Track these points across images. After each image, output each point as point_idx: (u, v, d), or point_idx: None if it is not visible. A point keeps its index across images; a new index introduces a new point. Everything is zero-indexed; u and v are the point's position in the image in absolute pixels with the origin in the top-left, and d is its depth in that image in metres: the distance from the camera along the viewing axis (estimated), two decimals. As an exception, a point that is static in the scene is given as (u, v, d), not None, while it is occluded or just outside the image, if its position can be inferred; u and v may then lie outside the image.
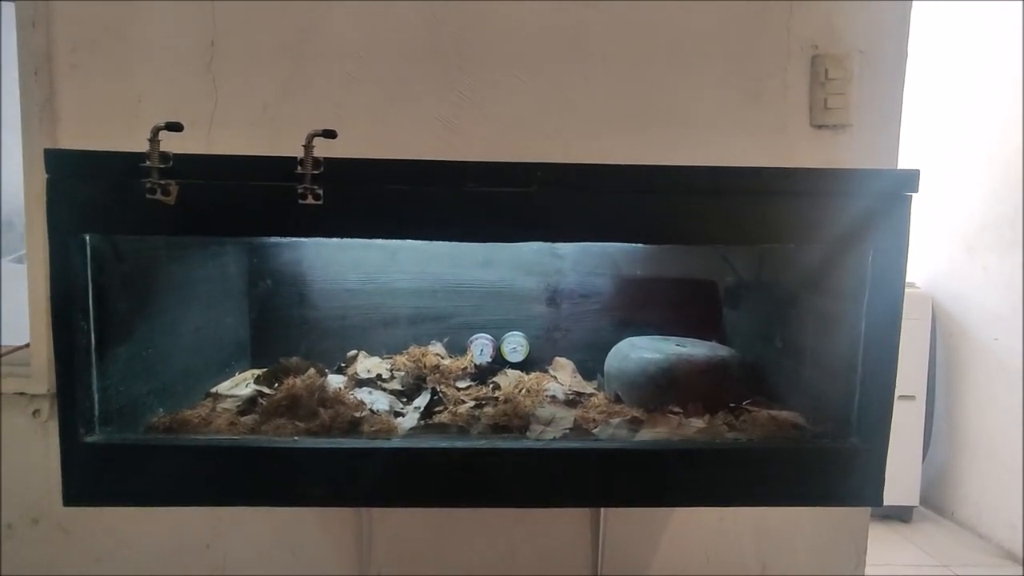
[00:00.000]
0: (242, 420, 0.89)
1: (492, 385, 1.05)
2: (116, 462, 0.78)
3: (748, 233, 0.80)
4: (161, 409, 0.89)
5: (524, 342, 1.15)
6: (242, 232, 0.92)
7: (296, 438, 0.82)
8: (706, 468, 0.81)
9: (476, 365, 1.10)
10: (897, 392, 0.82)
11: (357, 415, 0.89)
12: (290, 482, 0.79)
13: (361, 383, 1.04)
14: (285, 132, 1.14)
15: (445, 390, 1.01)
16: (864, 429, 0.82)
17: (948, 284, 2.15)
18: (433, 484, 0.80)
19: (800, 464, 0.82)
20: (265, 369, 1.06)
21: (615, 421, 0.90)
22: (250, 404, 0.95)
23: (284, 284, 1.14)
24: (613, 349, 1.06)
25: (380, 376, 1.06)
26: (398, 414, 0.95)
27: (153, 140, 0.72)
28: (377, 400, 0.97)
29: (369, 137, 1.15)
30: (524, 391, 1.01)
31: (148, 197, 0.72)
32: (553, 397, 1.01)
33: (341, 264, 1.15)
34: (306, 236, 0.79)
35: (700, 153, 1.18)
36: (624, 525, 1.26)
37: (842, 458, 0.82)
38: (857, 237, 0.80)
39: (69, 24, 1.12)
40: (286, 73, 1.14)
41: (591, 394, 1.05)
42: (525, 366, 1.14)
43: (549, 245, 1.14)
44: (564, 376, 1.12)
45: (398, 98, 1.16)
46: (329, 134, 0.73)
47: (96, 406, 0.78)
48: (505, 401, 0.95)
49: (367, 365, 1.09)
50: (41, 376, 1.16)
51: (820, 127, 1.20)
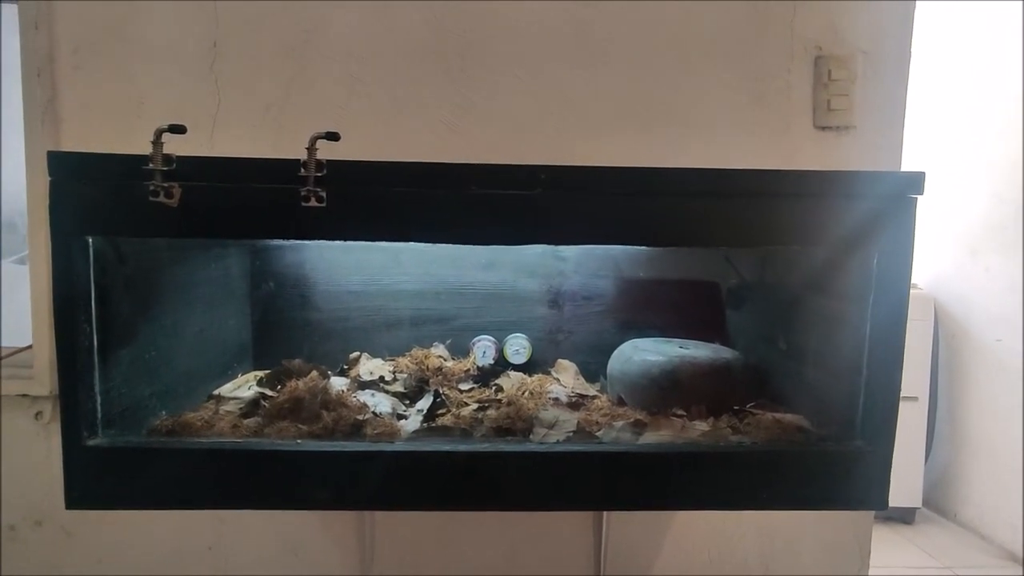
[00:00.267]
0: (245, 423, 0.89)
1: (495, 387, 1.05)
2: (119, 465, 0.78)
3: (752, 235, 0.80)
4: (164, 411, 0.89)
5: (527, 344, 1.15)
6: (245, 235, 0.92)
7: (299, 441, 0.82)
8: (710, 471, 0.81)
9: (479, 367, 1.10)
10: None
11: (360, 418, 0.89)
12: (293, 485, 0.78)
13: (364, 385, 1.04)
14: (288, 133, 1.15)
15: (448, 392, 1.01)
16: (869, 432, 0.82)
17: (951, 285, 2.15)
18: (436, 487, 0.80)
19: (804, 467, 0.82)
20: (267, 371, 1.06)
21: (618, 424, 0.90)
22: (253, 407, 0.94)
23: (286, 286, 1.14)
24: (616, 351, 1.06)
25: (383, 378, 1.06)
26: (401, 416, 0.95)
27: (156, 142, 0.72)
28: (380, 402, 0.97)
29: (371, 139, 1.15)
30: (527, 393, 1.00)
31: (151, 199, 0.72)
32: (556, 399, 1.01)
33: (343, 266, 1.15)
34: (309, 239, 0.79)
35: (703, 154, 1.18)
36: (627, 526, 1.26)
37: (847, 461, 0.81)
38: (862, 239, 0.79)
39: (71, 25, 1.12)
40: (289, 74, 1.14)
41: (594, 396, 1.05)
42: (528, 368, 1.13)
43: (552, 247, 1.13)
44: (567, 378, 1.12)
45: (400, 99, 1.16)
46: (332, 136, 0.73)
47: (99, 409, 0.78)
48: (508, 404, 0.94)
49: (369, 367, 1.09)
50: (43, 378, 1.16)
51: (823, 128, 1.20)
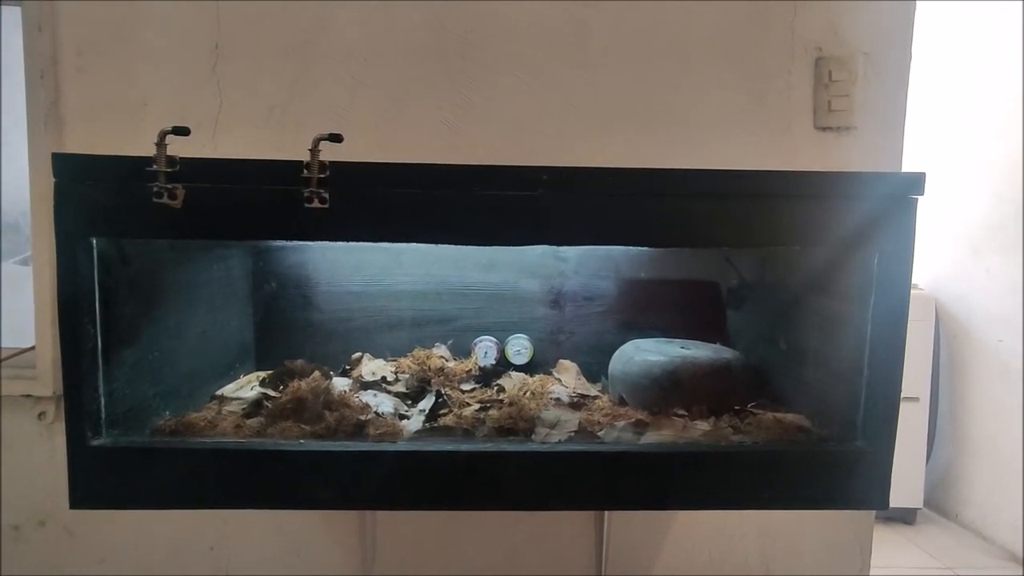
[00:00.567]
0: (248, 423, 0.89)
1: (496, 388, 1.05)
2: (123, 465, 0.78)
3: (754, 236, 0.80)
4: (167, 412, 0.89)
5: (528, 344, 1.15)
6: (248, 236, 0.92)
7: (302, 441, 0.82)
8: (711, 471, 0.81)
9: (480, 368, 1.10)
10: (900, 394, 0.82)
11: (362, 418, 0.89)
12: (296, 485, 0.79)
13: (366, 386, 1.04)
14: (290, 135, 1.15)
15: (449, 393, 1.01)
16: (870, 432, 0.82)
17: (952, 286, 2.15)
18: (439, 487, 0.80)
19: (806, 467, 0.82)
20: (270, 372, 1.06)
21: (620, 424, 0.90)
22: (255, 407, 0.95)
23: (288, 287, 1.14)
24: (617, 351, 1.06)
25: (385, 379, 1.06)
26: (403, 417, 0.95)
27: (160, 144, 0.72)
28: (382, 403, 0.97)
29: (373, 140, 1.15)
30: (528, 394, 1.01)
31: (155, 201, 0.72)
32: (557, 400, 1.01)
33: (345, 266, 1.15)
34: (312, 240, 0.80)
35: (704, 155, 1.19)
36: (628, 526, 1.26)
37: (848, 461, 0.82)
38: (863, 240, 0.80)
39: (75, 28, 1.13)
40: (291, 76, 1.15)
41: (595, 396, 1.05)
42: (529, 368, 1.14)
43: (553, 248, 1.14)
44: (568, 378, 1.12)
45: (402, 100, 1.16)
46: (335, 138, 0.74)
47: (103, 409, 0.78)
48: (510, 404, 0.95)
49: (371, 368, 1.09)
50: (46, 378, 1.17)
51: (824, 129, 1.20)
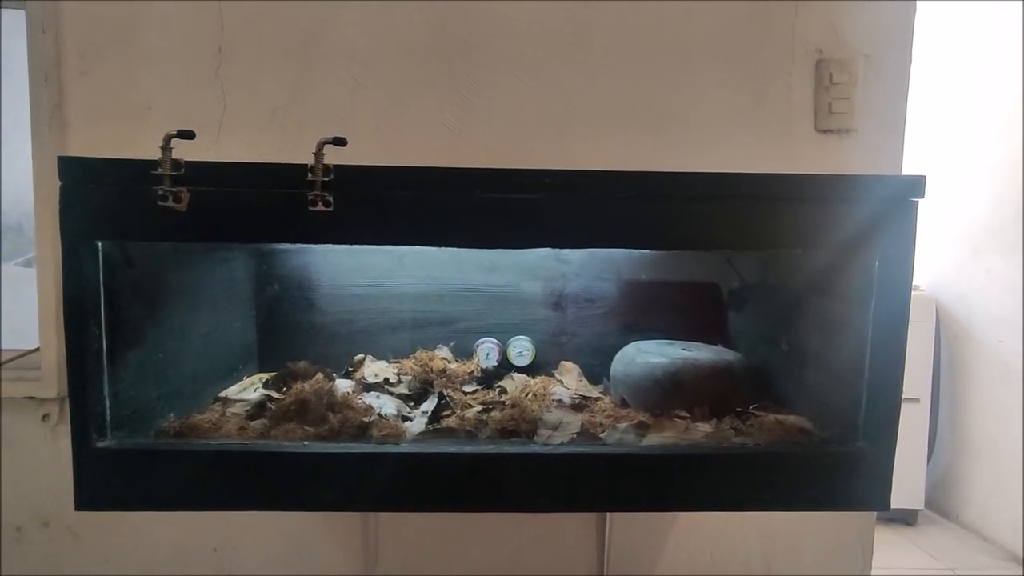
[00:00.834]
0: (251, 425, 0.89)
1: (498, 389, 1.06)
2: (128, 467, 0.78)
3: (756, 238, 0.81)
4: (171, 414, 0.89)
5: (530, 346, 1.15)
6: (253, 239, 0.92)
7: (305, 443, 0.83)
8: (713, 473, 0.82)
9: (482, 369, 1.10)
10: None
11: (366, 420, 0.89)
12: (300, 487, 0.79)
13: (368, 387, 1.04)
14: (293, 137, 1.16)
15: (452, 394, 1.01)
16: (871, 433, 0.82)
17: (952, 287, 2.15)
18: (442, 489, 0.80)
19: (807, 468, 0.82)
20: (273, 373, 1.06)
21: (622, 425, 0.91)
22: (259, 408, 0.95)
23: (291, 288, 1.15)
24: (619, 353, 1.06)
25: (387, 380, 1.06)
26: (406, 418, 0.95)
27: (165, 148, 0.72)
28: (384, 404, 0.98)
29: (374, 141, 1.16)
30: (531, 395, 1.01)
31: (160, 204, 0.73)
32: (559, 401, 1.01)
33: (347, 268, 1.16)
34: (316, 243, 0.80)
35: (704, 156, 1.19)
36: (630, 527, 1.26)
37: (849, 462, 0.82)
38: (864, 242, 0.80)
39: (78, 30, 1.13)
40: (293, 78, 1.15)
41: (597, 398, 1.05)
42: (531, 370, 1.14)
43: (555, 250, 1.14)
44: (570, 380, 1.13)
45: (404, 102, 1.17)
46: (339, 142, 0.74)
47: (108, 411, 0.79)
48: (512, 405, 0.95)
49: (374, 369, 1.09)
50: (50, 380, 1.17)
51: (825, 131, 1.20)
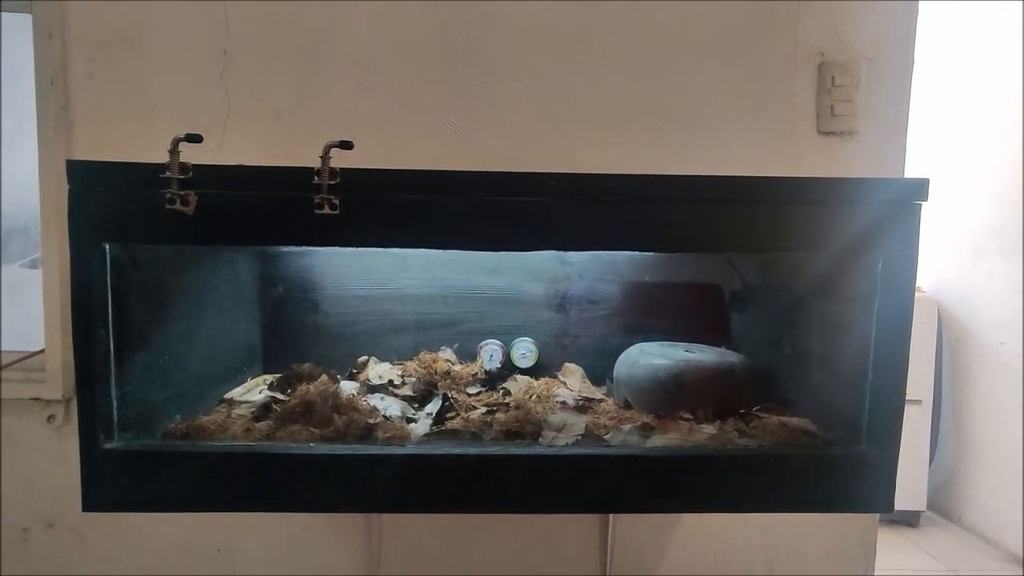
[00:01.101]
0: (257, 426, 0.90)
1: (502, 391, 1.06)
2: (135, 468, 0.79)
3: (759, 241, 0.81)
4: (178, 415, 0.90)
5: (533, 348, 1.15)
6: (259, 242, 0.93)
7: (311, 444, 0.83)
8: (717, 474, 0.82)
9: (486, 371, 1.11)
10: (904, 397, 0.83)
11: (371, 421, 0.90)
12: (306, 488, 0.79)
13: (373, 389, 1.05)
14: (298, 140, 1.16)
15: (456, 396, 1.01)
16: (874, 436, 0.82)
17: (954, 288, 2.15)
18: (447, 490, 0.81)
19: (811, 470, 0.82)
20: (278, 375, 1.07)
21: (626, 427, 0.91)
22: (264, 410, 0.96)
23: (295, 290, 1.15)
24: (622, 355, 1.06)
25: (391, 382, 1.06)
26: (410, 420, 0.96)
27: (173, 151, 0.73)
28: (389, 406, 0.98)
29: (379, 144, 1.16)
30: (534, 397, 1.01)
31: (168, 207, 0.73)
32: (563, 403, 1.02)
33: (351, 270, 1.16)
34: (322, 245, 0.80)
35: (707, 158, 1.19)
36: (633, 528, 1.27)
37: (853, 464, 0.82)
38: (867, 245, 0.80)
39: (85, 34, 1.14)
40: (299, 81, 1.16)
41: (600, 400, 1.06)
42: (534, 372, 1.14)
43: (558, 252, 1.14)
44: (573, 382, 1.13)
45: (408, 105, 1.17)
46: (346, 145, 0.74)
47: (115, 413, 0.79)
48: (516, 407, 0.95)
49: (378, 371, 1.10)
50: (56, 382, 1.18)
51: (827, 134, 1.21)
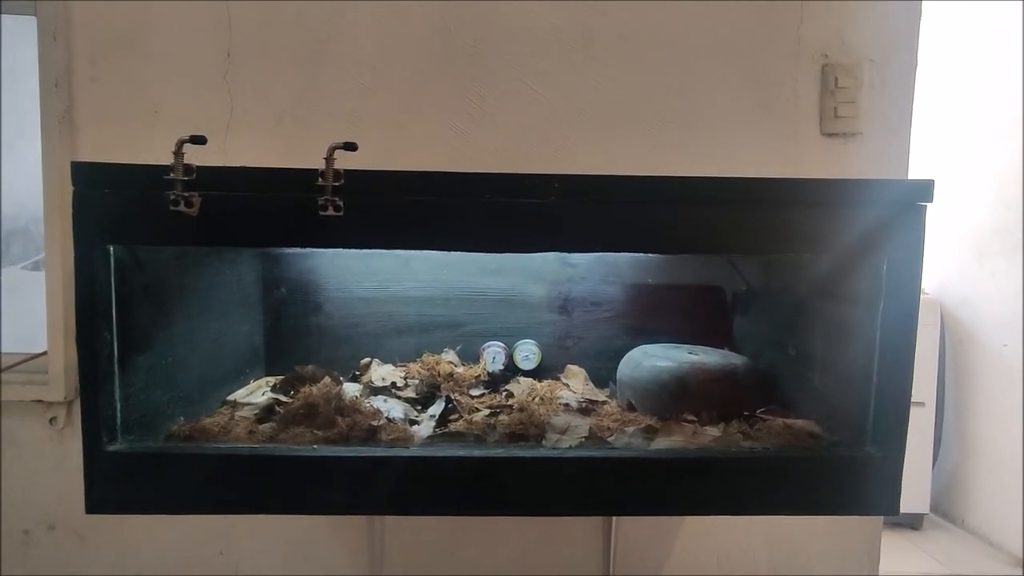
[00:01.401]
0: (260, 428, 0.90)
1: (505, 393, 1.06)
2: (138, 470, 0.78)
3: (764, 243, 0.81)
4: (181, 417, 0.90)
5: (536, 350, 1.15)
6: (264, 243, 0.93)
7: (315, 446, 0.83)
8: (722, 477, 0.82)
9: (489, 373, 1.10)
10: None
11: (374, 423, 0.89)
12: (310, 491, 0.79)
13: (375, 391, 1.04)
14: (301, 141, 1.16)
15: (459, 398, 1.01)
16: (879, 438, 0.82)
17: (957, 290, 2.15)
18: (450, 492, 0.81)
19: (816, 473, 0.82)
20: (280, 376, 1.07)
21: (630, 429, 0.91)
22: (267, 412, 0.96)
23: (298, 292, 1.15)
24: (625, 357, 1.06)
25: (394, 384, 1.06)
26: (413, 422, 0.95)
27: (177, 153, 0.73)
28: (392, 408, 0.98)
29: (383, 146, 1.16)
30: (538, 399, 1.01)
31: (172, 209, 0.73)
32: (566, 405, 1.01)
33: (354, 272, 1.16)
34: (326, 247, 0.81)
35: (710, 160, 1.19)
36: (636, 529, 1.26)
37: (858, 467, 0.82)
38: (872, 247, 0.80)
39: (88, 37, 1.14)
40: (301, 82, 1.16)
41: (604, 402, 1.05)
42: (537, 374, 1.14)
43: (561, 253, 1.14)
44: (576, 384, 1.13)
45: (411, 107, 1.17)
46: (350, 147, 0.74)
47: (118, 415, 0.79)
48: (520, 409, 0.95)
49: (381, 373, 1.09)
50: (58, 383, 1.18)
51: (830, 135, 1.21)
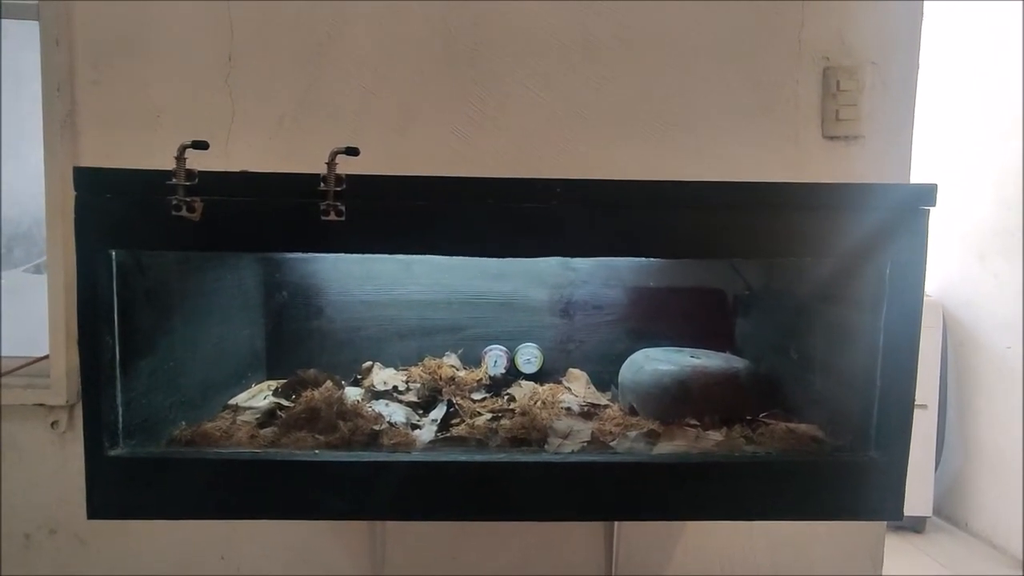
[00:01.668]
0: (262, 433, 0.90)
1: (507, 397, 1.06)
2: (139, 475, 0.78)
3: (767, 247, 0.81)
4: (182, 422, 0.89)
5: (538, 353, 1.15)
6: (265, 248, 0.93)
7: (316, 451, 0.83)
8: (724, 482, 0.82)
9: (491, 377, 1.10)
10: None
11: (376, 428, 0.89)
12: (311, 495, 0.79)
13: (377, 395, 1.04)
14: (302, 145, 1.16)
15: (461, 402, 1.01)
16: (883, 442, 0.82)
17: (959, 292, 2.14)
18: (453, 497, 0.80)
19: (819, 477, 0.82)
20: (282, 381, 1.06)
21: (632, 434, 0.90)
22: (269, 416, 0.95)
23: (300, 296, 1.15)
24: (627, 360, 1.06)
25: (396, 388, 1.06)
26: (415, 426, 0.95)
27: (179, 158, 0.73)
28: (394, 412, 0.98)
29: (383, 149, 1.16)
30: (540, 403, 1.01)
31: (174, 214, 0.73)
32: (568, 409, 1.01)
33: (355, 276, 1.16)
34: (328, 252, 0.80)
35: (712, 163, 1.19)
36: (638, 532, 1.26)
37: (861, 471, 0.82)
38: (874, 250, 0.80)
39: (91, 41, 1.14)
40: (303, 87, 1.16)
41: (605, 406, 1.05)
42: (539, 377, 1.14)
43: (563, 257, 1.14)
44: (578, 387, 1.12)
45: (412, 110, 1.17)
46: (352, 152, 0.74)
47: (120, 420, 0.79)
48: (522, 413, 0.95)
49: (383, 377, 1.09)
50: (59, 387, 1.18)
51: (832, 138, 1.21)
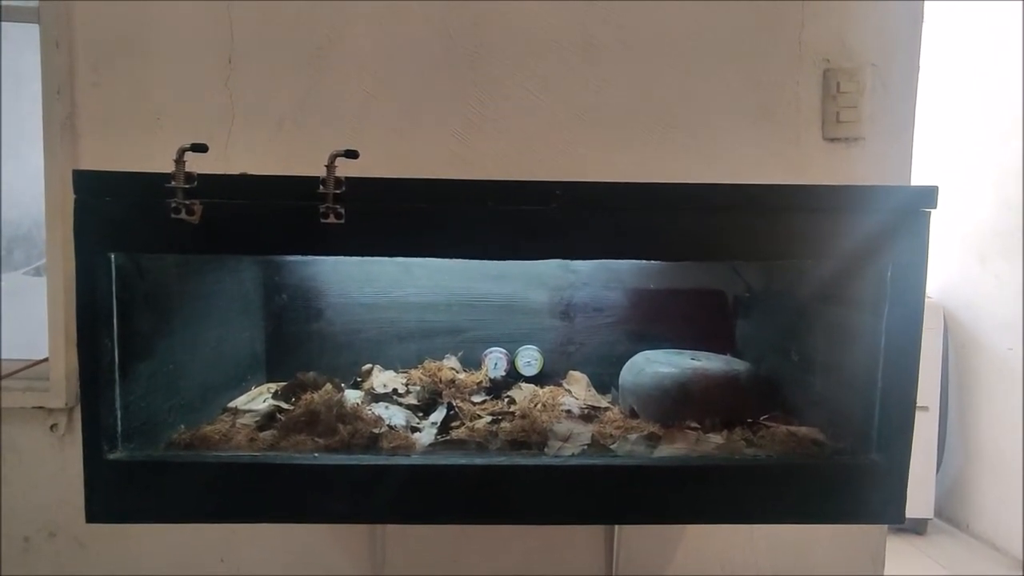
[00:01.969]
0: (261, 436, 0.89)
1: (507, 399, 1.05)
2: (139, 479, 0.78)
3: (768, 249, 0.80)
4: (181, 425, 0.89)
5: (538, 356, 1.15)
6: (265, 251, 0.93)
7: (316, 454, 0.83)
8: (725, 484, 0.81)
9: (491, 379, 1.10)
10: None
11: (376, 431, 0.89)
12: (311, 499, 0.79)
13: (377, 398, 1.04)
14: (302, 148, 1.16)
15: (461, 405, 1.01)
16: (884, 445, 0.82)
17: (960, 293, 2.14)
18: (453, 500, 0.80)
19: (820, 480, 0.82)
20: (281, 383, 1.06)
21: (633, 437, 0.90)
22: (268, 419, 0.95)
23: (299, 298, 1.15)
24: (628, 363, 1.06)
25: (396, 391, 1.06)
26: (415, 429, 0.95)
27: (179, 161, 0.73)
28: (394, 415, 0.97)
29: (383, 152, 1.16)
30: (540, 406, 1.01)
31: (173, 216, 0.73)
32: (568, 412, 1.01)
33: (355, 278, 1.16)
34: (328, 255, 0.80)
35: (712, 165, 1.19)
36: (638, 534, 1.26)
37: (862, 475, 0.81)
38: (876, 253, 0.80)
39: (91, 43, 1.14)
40: (303, 90, 1.16)
41: (606, 408, 1.05)
42: (539, 380, 1.14)
43: (563, 260, 1.14)
44: (579, 390, 1.12)
45: (412, 112, 1.17)
46: (351, 154, 0.74)
47: (119, 423, 0.79)
48: (522, 416, 0.95)
49: (382, 379, 1.09)
50: (59, 390, 1.18)
51: (833, 140, 1.20)
